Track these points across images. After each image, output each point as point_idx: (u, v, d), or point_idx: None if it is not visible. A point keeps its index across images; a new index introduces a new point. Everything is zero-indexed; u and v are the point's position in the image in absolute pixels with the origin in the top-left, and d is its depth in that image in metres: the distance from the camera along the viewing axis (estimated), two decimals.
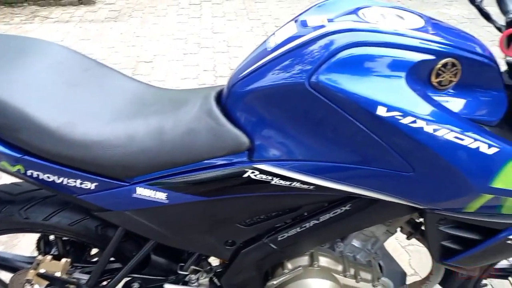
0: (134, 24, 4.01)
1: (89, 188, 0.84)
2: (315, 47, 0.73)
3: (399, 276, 1.21)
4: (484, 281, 1.27)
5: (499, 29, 0.90)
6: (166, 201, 0.85)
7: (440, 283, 1.16)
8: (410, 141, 0.70)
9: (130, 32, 3.83)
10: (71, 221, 1.01)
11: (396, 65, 0.70)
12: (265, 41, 0.85)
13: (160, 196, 0.84)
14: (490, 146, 0.69)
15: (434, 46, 0.71)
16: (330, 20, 0.77)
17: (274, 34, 0.84)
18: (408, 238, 1.08)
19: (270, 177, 0.80)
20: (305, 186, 0.81)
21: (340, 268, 1.04)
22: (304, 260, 1.03)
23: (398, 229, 1.07)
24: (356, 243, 1.08)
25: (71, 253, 1.14)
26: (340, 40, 0.72)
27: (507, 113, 0.78)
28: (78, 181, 0.83)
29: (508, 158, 0.70)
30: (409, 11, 0.81)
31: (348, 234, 1.01)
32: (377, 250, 1.10)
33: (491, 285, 1.61)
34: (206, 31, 3.85)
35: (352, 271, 1.05)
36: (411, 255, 1.76)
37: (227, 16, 4.20)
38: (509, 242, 0.81)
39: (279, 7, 4.42)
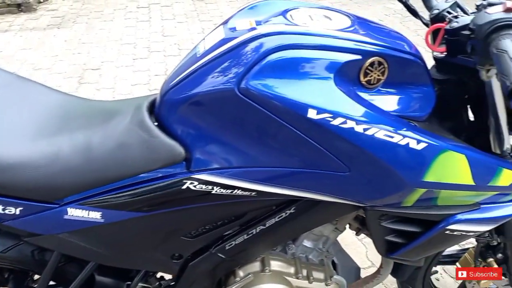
0: (79, 30, 3.84)
1: (14, 214, 0.78)
2: (243, 51, 0.71)
3: (353, 271, 1.22)
4: (434, 268, 1.32)
5: (426, 25, 0.93)
6: (102, 220, 0.80)
7: (392, 274, 1.18)
8: (342, 141, 0.70)
9: (75, 39, 3.67)
10: (3, 247, 0.93)
11: (324, 66, 0.70)
12: (195, 46, 0.82)
13: (95, 215, 0.79)
14: (419, 141, 0.70)
15: (360, 46, 0.71)
16: (258, 23, 0.76)
17: (204, 39, 0.82)
18: (357, 234, 1.09)
19: (210, 187, 0.78)
20: (247, 193, 0.79)
21: (292, 270, 1.03)
22: (256, 266, 1.01)
23: (347, 226, 1.08)
24: (307, 243, 1.08)
25: (11, 280, 1.06)
26: (268, 43, 0.71)
27: (435, 107, 0.80)
28: (0, 207, 0.77)
29: (437, 152, 0.72)
30: (336, 11, 0.81)
31: (296, 236, 1.01)
32: (329, 248, 1.10)
33: (444, 270, 1.67)
34: (156, 35, 3.76)
35: (304, 272, 1.04)
36: (368, 247, 1.79)
37: (177, 18, 4.12)
38: (447, 232, 0.84)
39: (230, 7, 4.39)
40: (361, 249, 1.79)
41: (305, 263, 1.06)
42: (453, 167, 0.73)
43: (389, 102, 0.75)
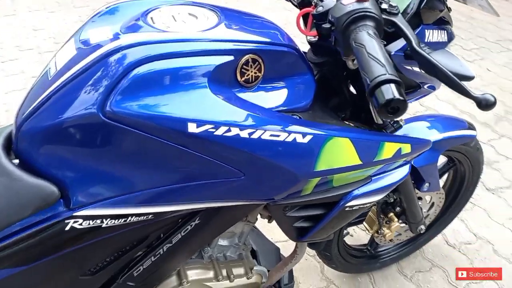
0: None
1: None
2: (102, 68, 0.62)
3: (274, 253, 1.24)
4: (345, 231, 1.40)
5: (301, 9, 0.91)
6: None
7: (309, 247, 1.23)
8: (231, 150, 0.66)
9: None
10: None
11: (195, 74, 0.64)
12: (46, 65, 0.71)
13: None
14: (304, 135, 0.70)
15: (230, 46, 0.67)
16: (115, 34, 0.66)
17: (55, 56, 0.70)
18: (269, 221, 1.09)
19: (99, 221, 0.69)
20: (143, 218, 0.73)
21: (211, 274, 1.01)
22: (173, 281, 0.97)
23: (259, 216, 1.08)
24: (223, 242, 1.06)
25: None
26: (130, 57, 0.62)
27: (318, 90, 0.80)
28: None
29: (323, 141, 0.72)
30: (202, 6, 0.75)
31: (207, 243, 0.98)
32: (245, 241, 1.10)
33: (360, 228, 1.80)
34: (25, 30, 3.29)
35: (224, 272, 1.03)
36: None
37: (48, 8, 3.65)
38: (347, 209, 0.87)
39: None
40: None
41: (223, 263, 1.04)
42: (340, 152, 0.75)
43: (271, 98, 0.73)
